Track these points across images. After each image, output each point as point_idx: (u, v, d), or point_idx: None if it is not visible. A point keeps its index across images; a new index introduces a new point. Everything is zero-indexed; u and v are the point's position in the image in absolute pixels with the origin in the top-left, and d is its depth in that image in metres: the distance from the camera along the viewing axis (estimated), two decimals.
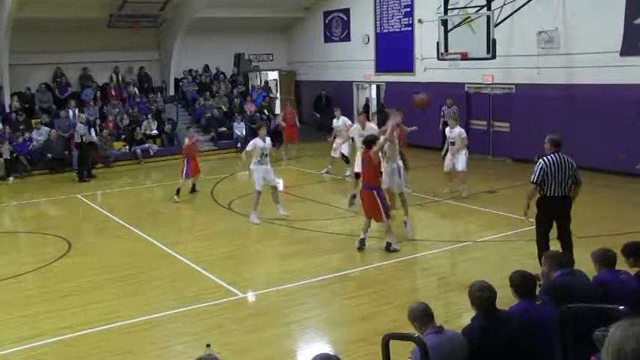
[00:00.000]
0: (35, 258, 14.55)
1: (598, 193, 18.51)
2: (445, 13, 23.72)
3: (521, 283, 7.12)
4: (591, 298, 7.07)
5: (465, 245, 14.82)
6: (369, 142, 14.24)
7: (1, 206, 21.09)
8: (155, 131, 28.90)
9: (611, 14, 20.81)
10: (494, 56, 22.30)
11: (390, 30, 29.94)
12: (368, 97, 32.78)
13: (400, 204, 15.69)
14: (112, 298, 11.93)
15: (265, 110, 32.72)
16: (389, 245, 14.24)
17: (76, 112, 27.85)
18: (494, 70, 24.62)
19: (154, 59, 32.84)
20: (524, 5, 22.26)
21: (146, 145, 28.07)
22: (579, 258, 8.77)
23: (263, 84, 36.42)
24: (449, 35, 23.34)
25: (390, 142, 14.96)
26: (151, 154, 28.08)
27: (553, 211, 11.61)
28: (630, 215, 16.41)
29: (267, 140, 17.63)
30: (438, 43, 23.83)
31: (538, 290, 7.62)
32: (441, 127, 23.81)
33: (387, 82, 30.62)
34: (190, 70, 33.07)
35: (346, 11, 32.43)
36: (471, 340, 6.44)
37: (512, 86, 24.66)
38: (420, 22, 28.08)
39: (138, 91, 30.72)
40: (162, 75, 32.88)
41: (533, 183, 11.56)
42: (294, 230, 16.45)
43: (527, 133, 22.64)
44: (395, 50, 29.71)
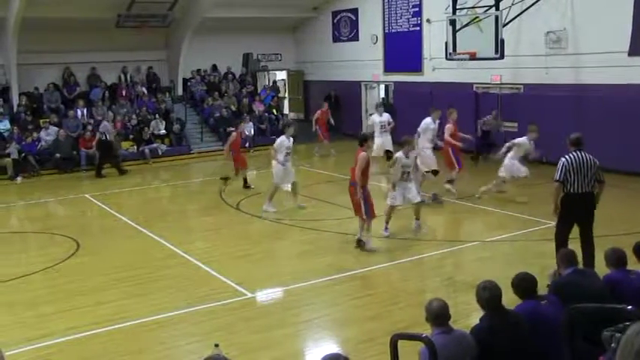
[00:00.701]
0: (43, 258, 14.56)
1: (608, 192, 18.33)
2: (453, 12, 23.70)
3: (521, 284, 7.14)
4: (599, 297, 7.06)
5: (474, 245, 14.79)
6: (362, 140, 14.42)
7: (10, 206, 21.14)
8: (163, 131, 28.92)
9: (619, 14, 20.75)
10: (502, 56, 22.27)
11: (399, 30, 29.92)
12: (384, 96, 32.67)
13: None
14: (120, 298, 11.94)
15: (274, 110, 32.73)
16: (363, 243, 14.37)
17: (85, 111, 27.98)
18: (502, 70, 24.57)
19: (162, 59, 32.87)
20: (532, 5, 22.22)
21: (154, 145, 28.08)
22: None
23: (271, 84, 36.41)
24: (457, 35, 23.31)
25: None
26: (159, 154, 28.10)
27: (576, 209, 11.57)
28: None
29: (291, 140, 18.00)
30: (446, 42, 23.81)
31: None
32: (480, 133, 24.12)
33: (395, 82, 30.59)
34: (199, 70, 33.09)
35: (354, 11, 32.41)
36: (479, 340, 6.43)
37: (521, 86, 24.60)
38: (429, 21, 28.05)
39: (146, 91, 30.70)
40: (170, 75, 32.90)
41: (556, 181, 11.53)
42: (302, 230, 16.44)
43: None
44: (403, 50, 29.67)
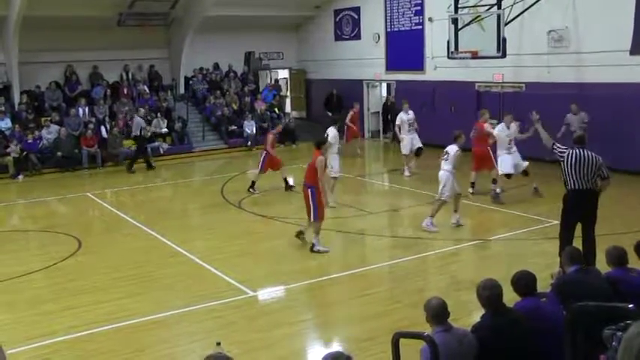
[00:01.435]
0: (45, 256, 14.58)
1: (609, 191, 18.40)
2: (455, 11, 23.69)
3: (520, 282, 7.14)
4: (601, 296, 7.05)
5: (477, 243, 14.79)
6: (319, 143, 14.55)
7: (11, 205, 21.15)
8: (165, 129, 28.90)
9: (621, 13, 20.73)
10: (504, 55, 22.27)
11: (401, 28, 29.88)
12: (388, 95, 32.64)
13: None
14: (122, 296, 11.94)
15: (275, 109, 32.72)
16: (313, 246, 14.28)
17: (86, 109, 27.97)
18: (504, 69, 24.55)
19: (164, 57, 32.84)
20: (534, 4, 22.21)
21: (156, 144, 28.05)
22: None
23: (273, 82, 36.39)
24: (459, 34, 23.30)
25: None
26: (161, 152, 28.07)
27: (576, 206, 11.57)
28: None
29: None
30: (448, 41, 23.80)
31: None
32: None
33: (397, 81, 30.58)
34: (201, 69, 33.05)
35: (357, 9, 32.37)
36: (480, 338, 6.43)
37: (523, 85, 24.59)
38: (431, 20, 28.02)
39: (148, 90, 30.69)
40: (172, 73, 32.89)
41: (553, 144, 11.86)
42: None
43: (538, 132, 22.56)
44: (405, 49, 29.65)
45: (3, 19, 26.80)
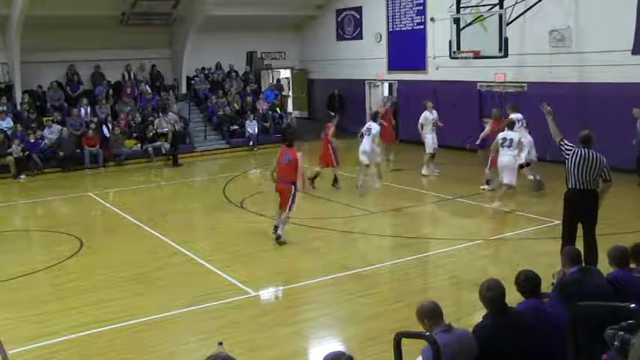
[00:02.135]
0: (47, 256, 14.59)
1: (611, 190, 18.41)
2: (457, 11, 23.69)
3: (524, 282, 7.13)
4: (603, 296, 7.05)
5: (478, 243, 14.78)
6: (292, 140, 15.20)
7: (13, 204, 21.17)
8: (167, 129, 28.88)
9: (623, 13, 20.72)
10: (506, 55, 22.28)
11: (403, 28, 29.87)
12: (388, 95, 32.65)
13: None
14: (124, 296, 11.95)
15: (277, 108, 32.71)
16: (279, 237, 15.00)
17: (88, 109, 27.99)
18: (506, 69, 24.54)
19: (166, 57, 32.84)
20: (536, 4, 22.22)
21: (158, 143, 28.05)
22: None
23: (275, 82, 36.38)
24: (461, 33, 23.32)
25: None
26: (163, 152, 28.07)
27: (575, 205, 11.55)
28: None
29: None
30: (450, 41, 23.80)
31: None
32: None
33: (399, 81, 30.57)
34: (202, 68, 33.03)
35: (358, 9, 32.37)
36: (482, 339, 6.43)
37: (525, 85, 24.57)
38: (433, 20, 27.99)
39: (150, 89, 30.68)
40: (174, 73, 32.90)
41: (560, 138, 11.81)
42: (306, 229, 16.42)
43: (540, 131, 22.56)
44: (407, 48, 29.63)
45: (5, 18, 26.84)
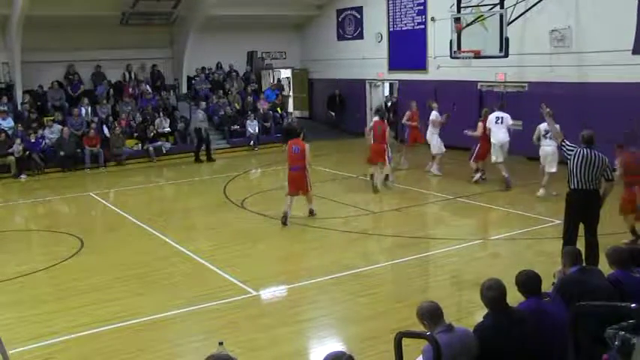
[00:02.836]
0: (47, 256, 14.60)
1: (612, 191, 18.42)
2: (458, 11, 23.68)
3: (525, 282, 7.13)
4: (604, 296, 7.05)
5: (478, 243, 14.78)
6: (298, 133, 17.70)
7: (14, 204, 21.18)
8: (168, 129, 28.91)
9: (624, 12, 20.68)
10: (506, 54, 22.26)
11: (403, 28, 29.86)
12: (388, 95, 32.68)
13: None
14: (125, 296, 11.96)
15: (278, 108, 32.72)
16: (312, 211, 17.29)
17: (89, 109, 27.99)
18: (506, 69, 24.52)
19: (166, 57, 32.84)
20: (536, 4, 22.21)
21: (159, 143, 28.06)
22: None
23: (276, 82, 36.37)
24: (462, 33, 23.30)
25: None
26: (164, 152, 28.09)
27: (577, 205, 11.56)
28: None
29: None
30: (450, 41, 23.79)
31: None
32: None
33: (399, 80, 30.57)
34: (203, 68, 33.04)
35: (359, 9, 32.36)
36: (482, 338, 6.43)
37: (525, 84, 24.56)
38: (433, 20, 27.98)
39: (150, 89, 30.67)
40: (174, 73, 32.90)
41: (562, 140, 11.93)
42: (306, 228, 16.45)
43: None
44: (408, 48, 29.63)
45: (6, 18, 26.85)
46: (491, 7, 22.62)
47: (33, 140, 25.57)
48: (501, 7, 22.20)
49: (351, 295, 11.77)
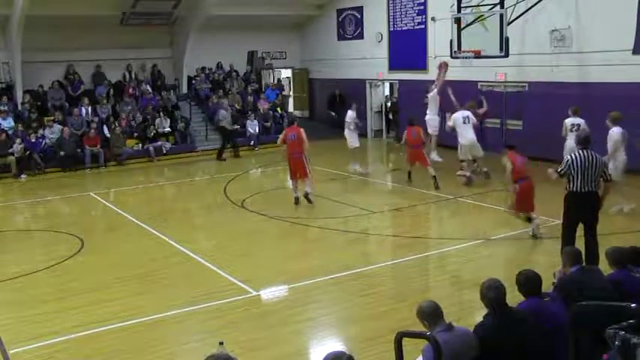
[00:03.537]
0: (48, 256, 14.60)
1: (612, 190, 18.42)
2: (458, 11, 23.68)
3: (526, 282, 7.14)
4: (604, 296, 7.04)
5: (478, 243, 14.77)
6: (293, 120, 19.81)
7: (14, 204, 21.18)
8: (168, 128, 28.91)
9: (624, 12, 20.67)
10: (507, 54, 22.26)
11: (404, 28, 29.86)
12: (388, 95, 32.69)
13: None
14: (125, 296, 11.96)
15: (278, 108, 32.72)
16: (308, 195, 18.46)
17: (89, 109, 28.00)
18: (507, 68, 24.52)
19: (166, 57, 32.83)
20: (537, 3, 22.21)
21: (159, 143, 28.08)
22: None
23: (276, 82, 36.36)
24: (462, 33, 23.30)
25: None
26: (164, 151, 28.10)
27: (579, 207, 11.57)
28: None
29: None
30: (451, 41, 23.79)
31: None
32: None
33: (400, 80, 30.57)
34: (203, 68, 33.04)
35: (359, 9, 32.36)
36: (482, 338, 6.43)
37: (526, 84, 24.56)
38: (434, 20, 27.97)
39: (151, 89, 30.67)
40: (175, 73, 32.88)
41: (557, 173, 11.70)
42: (307, 228, 16.46)
43: (540, 131, 22.60)
44: (408, 48, 29.62)
45: (6, 18, 26.85)
46: (492, 7, 22.63)
47: (33, 140, 25.61)
48: (501, 7, 22.20)
49: (351, 295, 11.78)
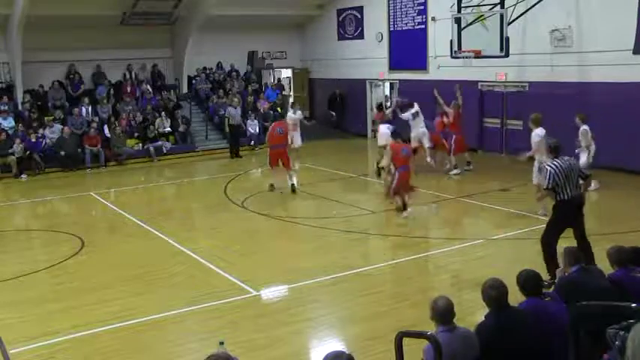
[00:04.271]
0: (48, 256, 14.60)
1: (612, 190, 18.45)
2: (459, 11, 23.67)
3: (527, 282, 7.14)
4: (604, 295, 7.04)
5: (479, 243, 14.77)
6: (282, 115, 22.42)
7: (15, 204, 21.19)
8: (168, 128, 28.90)
9: (624, 12, 20.66)
10: (507, 54, 22.26)
11: (404, 28, 29.85)
12: (387, 95, 32.71)
13: None
14: (125, 296, 11.95)
15: (278, 108, 32.72)
16: (294, 186, 19.77)
17: (89, 108, 28.00)
18: (507, 68, 24.52)
19: (167, 57, 32.84)
20: (537, 3, 22.19)
21: (159, 143, 28.08)
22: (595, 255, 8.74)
23: (276, 82, 36.35)
24: (462, 33, 23.31)
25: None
26: (164, 151, 28.10)
27: (571, 213, 11.52)
28: None
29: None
30: (451, 41, 23.80)
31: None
32: None
33: (400, 80, 30.55)
34: (204, 68, 33.05)
35: (360, 9, 32.35)
36: (485, 338, 6.43)
37: (526, 84, 24.56)
38: (434, 20, 27.96)
39: (151, 89, 30.66)
40: (175, 72, 32.89)
41: (546, 189, 11.56)
42: (307, 228, 16.46)
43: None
44: (408, 48, 29.61)
45: (6, 18, 26.84)
46: (492, 7, 22.62)
47: (34, 140, 25.62)
48: (502, 7, 22.19)
49: (351, 295, 11.77)
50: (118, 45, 30.12)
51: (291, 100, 25.12)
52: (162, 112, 29.24)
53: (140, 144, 28.05)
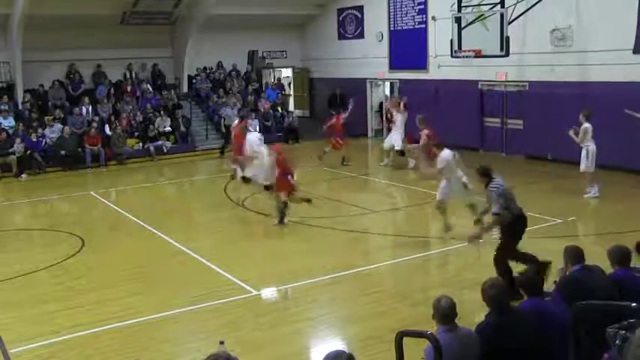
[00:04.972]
0: (48, 255, 14.58)
1: (612, 190, 18.43)
2: (459, 10, 23.71)
3: (526, 282, 7.14)
4: (606, 295, 7.04)
5: (479, 242, 14.75)
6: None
7: (15, 203, 21.18)
8: (169, 128, 28.91)
9: (625, 12, 20.66)
10: (507, 54, 22.28)
11: (404, 27, 29.83)
12: (387, 95, 32.68)
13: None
14: (126, 295, 11.95)
15: (279, 107, 32.73)
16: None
17: (89, 108, 28.00)
18: (507, 68, 24.51)
19: (167, 56, 32.83)
20: (537, 3, 22.19)
21: (159, 142, 28.08)
22: (594, 254, 8.73)
23: (276, 81, 36.36)
24: (462, 33, 23.33)
25: None
26: (165, 151, 28.11)
27: (522, 226, 11.44)
28: None
29: None
30: (451, 40, 23.81)
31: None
32: None
33: (400, 80, 30.53)
34: (204, 68, 33.06)
35: (360, 8, 32.34)
36: (485, 338, 6.42)
37: (526, 84, 24.54)
38: (434, 19, 27.95)
39: (151, 88, 30.67)
40: (175, 72, 32.89)
41: (496, 214, 11.14)
42: (307, 227, 16.44)
43: (541, 130, 22.60)
44: (409, 47, 29.59)
45: (6, 17, 26.84)
46: (492, 7, 22.66)
47: (34, 139, 25.62)
48: (502, 7, 22.24)
49: (352, 295, 11.78)
50: (118, 44, 30.10)
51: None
52: (163, 112, 29.24)
53: (140, 143, 28.06)
